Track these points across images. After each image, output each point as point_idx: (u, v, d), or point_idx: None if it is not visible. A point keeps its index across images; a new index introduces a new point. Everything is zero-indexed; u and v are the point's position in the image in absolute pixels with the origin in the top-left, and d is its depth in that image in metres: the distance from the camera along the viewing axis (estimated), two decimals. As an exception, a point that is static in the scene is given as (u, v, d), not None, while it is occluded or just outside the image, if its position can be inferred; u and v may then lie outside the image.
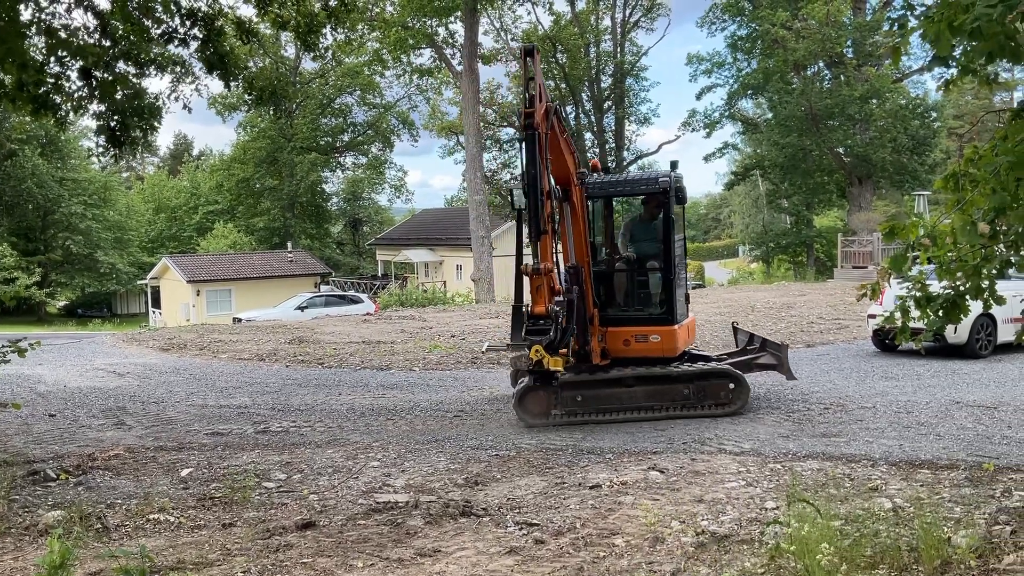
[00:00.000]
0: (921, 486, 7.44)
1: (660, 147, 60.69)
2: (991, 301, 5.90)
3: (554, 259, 9.97)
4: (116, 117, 10.66)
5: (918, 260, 5.91)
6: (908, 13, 5.39)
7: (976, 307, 6.23)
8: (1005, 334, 14.74)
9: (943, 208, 5.77)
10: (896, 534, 5.94)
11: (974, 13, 4.38)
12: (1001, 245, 5.57)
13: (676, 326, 11.03)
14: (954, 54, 4.83)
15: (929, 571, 5.35)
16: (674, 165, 11.96)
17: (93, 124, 11.06)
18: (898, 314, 6.05)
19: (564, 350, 9.65)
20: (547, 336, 9.42)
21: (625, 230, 11.91)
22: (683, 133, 49.90)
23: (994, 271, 5.82)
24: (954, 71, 5.05)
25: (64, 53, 9.75)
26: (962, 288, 5.84)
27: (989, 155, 5.34)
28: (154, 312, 54.55)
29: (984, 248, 5.53)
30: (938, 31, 4.67)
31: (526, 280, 9.99)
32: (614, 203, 12.49)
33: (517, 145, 45.33)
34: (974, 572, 5.34)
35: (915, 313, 6.12)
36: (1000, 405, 10.99)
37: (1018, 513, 6.53)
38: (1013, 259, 5.69)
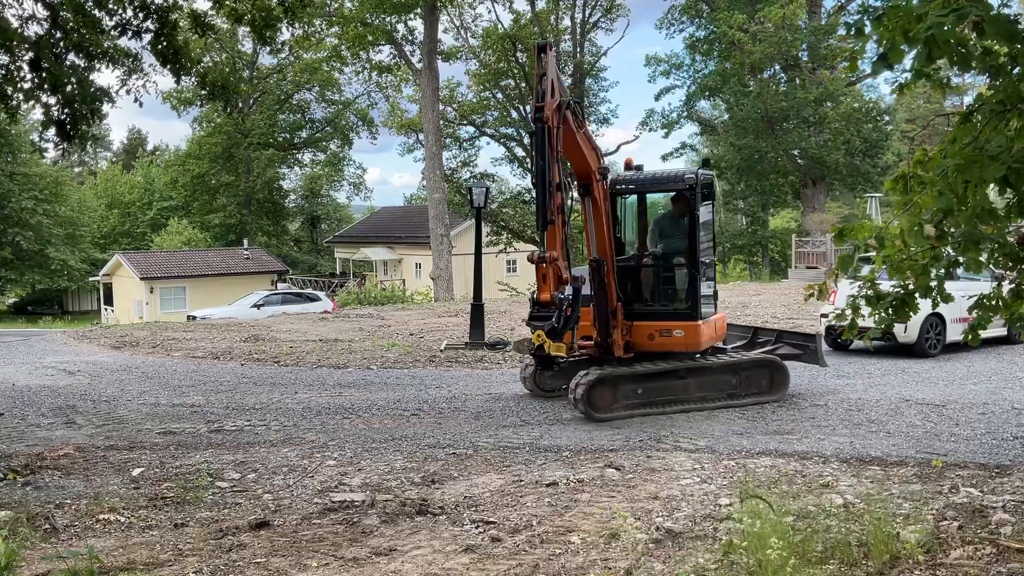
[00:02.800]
0: (871, 482, 7.58)
1: (619, 147, 60.87)
2: (939, 300, 6.05)
3: (566, 249, 10.23)
4: (66, 109, 10.44)
5: (872, 261, 6.05)
6: (864, 18, 5.47)
7: (925, 307, 6.39)
8: (954, 333, 15.02)
9: (894, 210, 5.90)
10: (846, 529, 6.04)
11: (927, 23, 4.48)
12: (948, 247, 5.69)
13: (700, 322, 11.19)
14: (905, 59, 4.92)
15: (878, 566, 5.45)
16: (706, 163, 12.41)
17: (42, 117, 10.80)
18: (849, 311, 6.20)
19: (567, 337, 10.02)
20: (549, 323, 9.73)
21: (655, 226, 12.07)
22: (641, 133, 50.04)
23: (942, 272, 5.97)
24: (907, 75, 5.14)
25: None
26: (911, 287, 5.98)
27: (937, 158, 5.46)
28: (106, 309, 53.61)
29: (933, 248, 5.65)
30: (893, 39, 4.76)
31: (539, 269, 10.20)
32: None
33: (480, 143, 44.97)
34: (922, 567, 5.45)
35: (866, 311, 6.28)
36: (948, 403, 11.23)
37: (965, 509, 6.68)
38: (961, 260, 5.82)
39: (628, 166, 12.09)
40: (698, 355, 11.48)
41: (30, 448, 9.49)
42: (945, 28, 4.42)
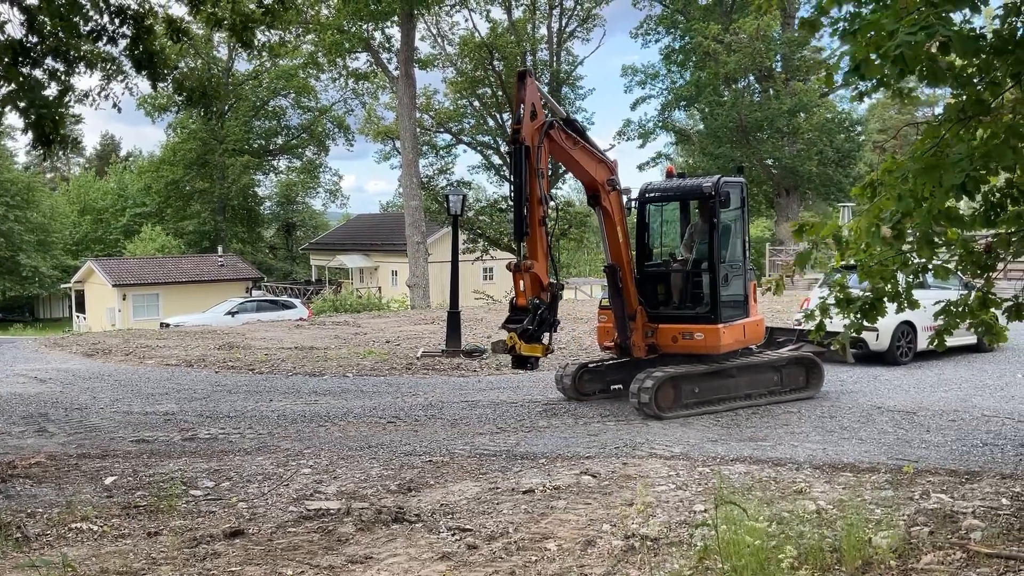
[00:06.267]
0: (844, 488, 7.65)
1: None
2: (906, 304, 6.17)
3: (549, 257, 10.68)
4: (44, 114, 10.32)
5: (852, 269, 6.21)
6: (843, 25, 5.55)
7: (897, 315, 6.54)
8: (925, 341, 15.19)
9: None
10: (820, 535, 6.10)
11: (897, 40, 4.57)
12: (915, 253, 5.80)
13: (720, 325, 11.53)
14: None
15: (851, 571, 5.51)
16: (740, 170, 13.09)
17: (19, 123, 10.72)
18: (818, 312, 6.33)
19: (545, 339, 10.43)
20: (521, 325, 10.19)
21: (688, 233, 12.56)
22: (618, 143, 50.27)
23: (911, 278, 6.08)
24: (868, 84, 5.25)
25: None
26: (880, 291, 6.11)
27: (902, 164, 5.56)
28: (78, 316, 52.97)
29: (903, 254, 5.75)
30: (865, 55, 4.86)
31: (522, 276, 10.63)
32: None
33: (457, 151, 45.21)
34: (894, 572, 5.51)
35: (835, 315, 6.42)
36: (919, 410, 11.37)
37: (936, 514, 6.76)
38: (930, 266, 5.94)
39: (670, 174, 12.79)
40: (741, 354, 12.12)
41: (1, 456, 9.37)
42: (913, 44, 4.51)
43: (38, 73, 10.54)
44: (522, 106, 10.36)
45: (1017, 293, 6.82)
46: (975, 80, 5.19)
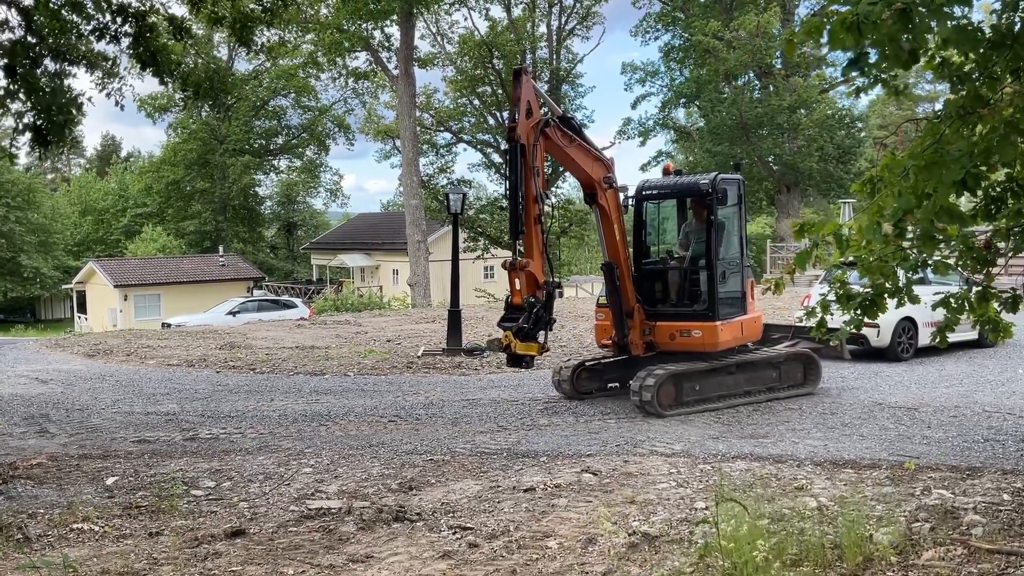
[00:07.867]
0: (845, 485, 7.65)
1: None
2: (906, 300, 6.18)
3: (546, 255, 10.68)
4: (42, 115, 10.33)
5: (851, 266, 6.20)
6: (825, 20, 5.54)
7: (898, 311, 6.55)
8: (926, 337, 15.17)
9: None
10: (820, 532, 6.10)
11: (856, 9, 4.58)
12: (914, 250, 5.80)
13: (717, 322, 11.52)
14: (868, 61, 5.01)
15: (852, 568, 5.51)
16: (737, 167, 13.09)
17: (12, 123, 10.72)
18: (819, 309, 6.34)
19: (541, 338, 10.48)
20: (516, 324, 10.22)
21: (684, 230, 12.61)
22: (619, 141, 50.21)
23: (911, 273, 6.08)
24: (866, 80, 5.25)
25: None
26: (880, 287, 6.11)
27: (902, 160, 5.56)
28: (80, 317, 53.00)
29: (902, 250, 5.75)
30: (833, 27, 4.88)
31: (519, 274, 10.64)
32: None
33: (457, 149, 45.18)
34: (894, 568, 5.51)
35: (836, 312, 6.42)
36: (920, 406, 11.36)
37: (937, 510, 6.76)
38: (930, 261, 5.93)
39: (667, 172, 12.78)
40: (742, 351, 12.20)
41: (2, 458, 9.38)
42: (872, 16, 4.50)
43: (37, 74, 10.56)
44: (518, 104, 10.35)
45: (1016, 287, 6.83)
46: (973, 76, 5.18)
